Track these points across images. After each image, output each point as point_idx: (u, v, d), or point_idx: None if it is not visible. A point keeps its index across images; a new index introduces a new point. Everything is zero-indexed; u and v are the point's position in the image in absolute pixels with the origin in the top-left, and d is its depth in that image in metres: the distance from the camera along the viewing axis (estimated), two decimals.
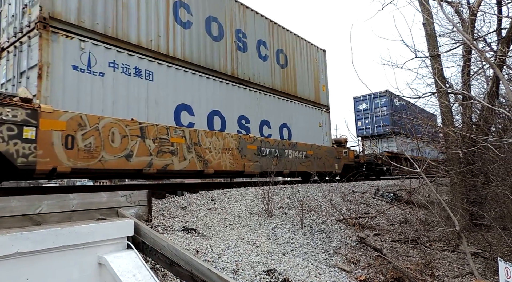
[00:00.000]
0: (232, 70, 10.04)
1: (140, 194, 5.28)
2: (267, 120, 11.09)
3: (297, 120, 12.37)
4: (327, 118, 14.25)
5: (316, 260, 5.70)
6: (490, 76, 8.33)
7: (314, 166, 12.19)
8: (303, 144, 12.11)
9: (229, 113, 9.74)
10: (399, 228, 8.17)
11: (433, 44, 9.16)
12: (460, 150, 7.65)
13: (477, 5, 7.58)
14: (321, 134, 13.69)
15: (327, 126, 14.17)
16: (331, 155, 13.65)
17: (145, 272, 3.77)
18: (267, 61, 11.46)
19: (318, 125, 13.59)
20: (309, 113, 13.15)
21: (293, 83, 12.51)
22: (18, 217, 3.94)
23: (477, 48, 5.88)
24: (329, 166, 13.25)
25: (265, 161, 10.25)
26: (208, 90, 9.17)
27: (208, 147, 8.57)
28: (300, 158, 11.73)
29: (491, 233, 7.39)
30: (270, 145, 10.59)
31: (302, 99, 12.85)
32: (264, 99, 11.11)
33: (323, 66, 14.67)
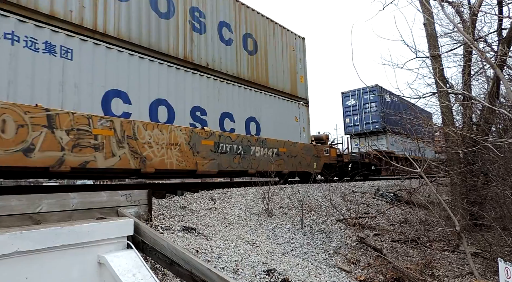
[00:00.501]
0: (185, 54, 8.60)
1: (140, 193, 5.29)
2: (229, 113, 9.67)
3: (268, 114, 10.99)
4: (305, 113, 12.76)
5: (316, 260, 5.70)
6: (491, 77, 8.33)
7: (288, 165, 10.93)
8: (274, 140, 10.66)
9: (180, 104, 8.34)
10: (399, 228, 8.16)
11: (434, 44, 9.15)
12: (460, 150, 7.65)
13: (478, 5, 7.57)
14: (298, 130, 12.25)
15: (305, 122, 12.70)
16: (309, 153, 12.12)
17: (145, 271, 3.77)
18: (232, 46, 10.04)
19: (294, 120, 12.13)
20: (284, 107, 11.73)
21: (264, 72, 11.06)
22: (18, 216, 3.95)
23: (478, 48, 5.88)
24: (306, 165, 11.74)
25: (225, 158, 8.91)
26: (151, 75, 7.78)
27: (148, 141, 7.16)
28: (270, 156, 10.30)
29: (491, 233, 7.39)
30: (231, 140, 9.15)
31: (275, 90, 11.44)
32: (226, 88, 9.67)
33: (302, 55, 13.12)
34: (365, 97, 22.31)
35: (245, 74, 10.39)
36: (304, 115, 12.77)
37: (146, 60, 7.76)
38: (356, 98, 22.74)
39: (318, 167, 12.50)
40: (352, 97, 22.97)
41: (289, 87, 12.18)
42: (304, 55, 13.28)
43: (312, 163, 12.14)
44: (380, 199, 11.00)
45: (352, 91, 22.94)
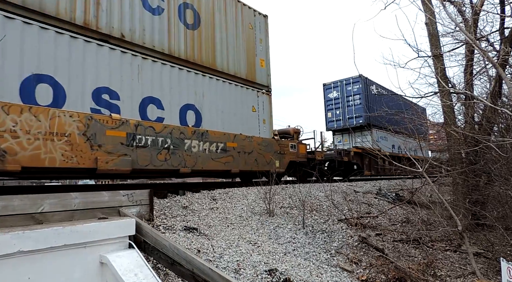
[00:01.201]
0: (87, 19, 6.76)
1: (141, 193, 5.29)
2: (155, 98, 7.74)
3: (215, 102, 9.08)
4: (266, 102, 10.84)
5: (318, 259, 5.69)
6: (493, 76, 8.30)
7: (239, 163, 9.15)
8: (219, 132, 8.80)
9: (75, 83, 6.52)
10: (401, 228, 8.15)
11: (436, 44, 9.13)
12: (462, 149, 7.63)
13: (480, 4, 7.55)
14: (256, 122, 10.30)
15: (266, 112, 10.75)
16: (269, 149, 10.29)
17: (146, 271, 3.77)
18: (162, 16, 8.15)
19: (252, 110, 10.23)
20: (237, 94, 9.79)
21: (209, 51, 9.15)
22: (20, 216, 3.96)
23: (480, 47, 5.86)
24: (264, 163, 9.98)
25: (144, 154, 7.08)
26: (24, 42, 5.90)
27: (10, 129, 5.40)
28: (214, 152, 8.50)
29: (493, 233, 7.37)
30: (155, 131, 7.33)
31: (226, 74, 9.55)
32: (152, 68, 7.72)
33: (263, 36, 11.22)
34: (348, 89, 20.00)
35: (181, 52, 8.42)
36: (265, 105, 10.80)
37: (18, 21, 5.87)
38: (339, 91, 20.38)
39: (281, 165, 10.71)
40: (335, 89, 20.52)
41: (245, 72, 10.22)
42: (266, 36, 11.32)
43: (273, 161, 10.29)
44: (382, 199, 10.99)
45: (335, 82, 20.53)
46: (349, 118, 19.91)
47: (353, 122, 19.68)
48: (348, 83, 20.00)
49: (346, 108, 20.04)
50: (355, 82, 19.69)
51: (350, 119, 19.87)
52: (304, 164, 12.28)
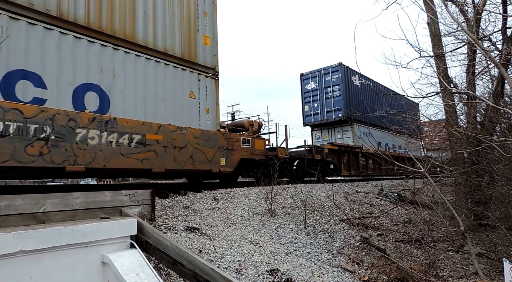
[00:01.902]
0: None
1: (143, 193, 5.30)
2: (32, 73, 5.78)
3: (131, 83, 7.08)
4: (211, 88, 8.82)
5: (320, 260, 5.68)
6: (495, 76, 8.28)
7: (164, 160, 7.27)
8: (134, 121, 6.85)
9: None
10: (403, 228, 8.13)
11: (438, 44, 9.11)
12: (464, 149, 7.60)
13: (482, 4, 7.53)
14: (195, 111, 8.34)
15: (211, 100, 8.77)
16: (212, 144, 8.37)
17: (148, 271, 3.77)
18: None
19: (190, 96, 8.23)
20: (168, 76, 7.81)
21: (125, 19, 7.14)
22: (23, 215, 3.97)
23: (482, 47, 5.85)
24: (204, 161, 8.05)
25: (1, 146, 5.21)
26: None
27: None
28: (125, 145, 6.61)
29: (496, 233, 7.35)
30: (23, 115, 5.40)
31: (152, 50, 7.55)
32: (27, 32, 5.73)
33: (209, 8, 9.21)
34: (327, 80, 17.76)
35: (79, 16, 6.41)
36: (210, 91, 8.79)
37: None
38: (317, 81, 18.12)
39: (229, 164, 8.80)
40: (313, 80, 18.29)
41: (181, 50, 8.19)
42: (213, 9, 9.33)
43: (217, 158, 8.45)
44: (384, 199, 10.97)
45: (313, 72, 18.35)
46: (327, 111, 17.73)
47: (331, 116, 17.57)
48: (327, 73, 17.77)
49: (325, 101, 17.85)
50: (334, 72, 17.49)
51: (328, 113, 17.71)
52: (262, 163, 10.56)
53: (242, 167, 9.86)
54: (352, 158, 15.97)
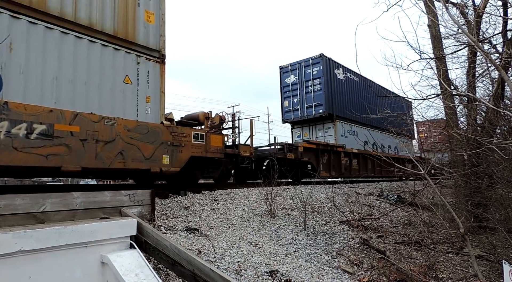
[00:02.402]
0: None
1: (143, 193, 5.30)
2: None
3: (38, 61, 5.75)
4: (155, 73, 7.44)
5: (319, 261, 5.68)
6: (495, 78, 8.28)
7: (81, 157, 5.94)
8: (36, 107, 5.55)
9: None
10: (402, 230, 8.13)
11: (438, 46, 9.11)
12: (464, 151, 7.60)
13: (482, 7, 7.55)
14: (133, 99, 6.96)
15: (153, 87, 7.36)
16: (151, 138, 7.03)
17: (147, 271, 3.77)
18: None
19: (124, 81, 6.90)
20: (94, 55, 6.48)
21: None
22: (22, 215, 3.96)
23: (483, 50, 5.85)
24: (139, 159, 6.73)
25: None
26: None
27: None
28: (22, 137, 5.31)
29: (495, 235, 7.34)
30: None
31: (71, 23, 6.19)
32: None
33: None
34: (307, 72, 16.22)
35: None
36: (153, 77, 7.41)
37: None
38: (297, 74, 16.65)
39: (174, 162, 7.44)
40: (293, 73, 16.80)
41: (114, 25, 6.87)
42: None
43: (158, 156, 7.09)
44: (384, 201, 10.96)
45: (293, 64, 16.87)
46: (307, 107, 16.11)
47: (312, 112, 15.94)
48: (307, 65, 16.22)
49: (305, 96, 16.27)
50: (315, 64, 15.94)
51: (308, 109, 16.08)
52: (221, 162, 9.25)
53: (194, 166, 8.44)
54: (333, 157, 14.60)
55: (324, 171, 13.72)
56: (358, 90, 18.26)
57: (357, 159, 16.40)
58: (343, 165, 15.15)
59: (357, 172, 16.14)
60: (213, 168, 9.09)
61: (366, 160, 16.82)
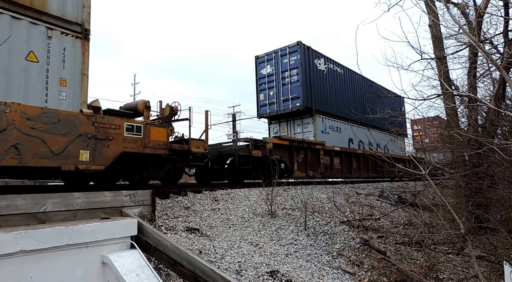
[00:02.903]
0: None
1: (144, 193, 5.30)
2: None
3: None
4: (74, 51, 6.02)
5: (320, 261, 5.68)
6: (497, 79, 8.27)
7: None
8: None
9: None
10: (403, 230, 8.12)
11: (439, 46, 9.10)
12: (465, 152, 7.59)
13: (483, 7, 7.53)
14: (39, 81, 5.53)
15: (72, 68, 5.95)
16: (64, 130, 5.63)
17: (148, 271, 3.78)
18: None
19: (28, 58, 5.44)
20: None
21: None
22: (23, 215, 3.97)
23: (484, 50, 5.84)
24: (46, 154, 5.33)
25: None
26: None
27: None
28: None
29: (496, 236, 7.33)
30: None
31: None
32: None
33: None
34: (284, 62, 14.63)
35: None
36: (72, 56, 6.01)
37: None
38: (274, 64, 15.02)
39: (97, 159, 6.08)
40: (269, 63, 15.19)
41: None
42: None
43: (73, 151, 5.72)
44: (384, 201, 10.95)
45: (269, 53, 15.23)
46: (284, 100, 14.54)
47: (288, 106, 14.36)
48: (284, 54, 14.60)
49: (281, 88, 14.67)
50: (292, 53, 14.37)
51: (285, 102, 14.51)
52: (167, 160, 8.02)
53: (130, 164, 7.23)
54: (311, 155, 13.03)
55: (299, 170, 12.27)
56: (343, 83, 16.77)
57: (340, 157, 14.84)
58: (323, 164, 13.55)
59: (339, 171, 14.50)
60: (156, 166, 7.71)
61: (350, 159, 15.54)
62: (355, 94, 17.58)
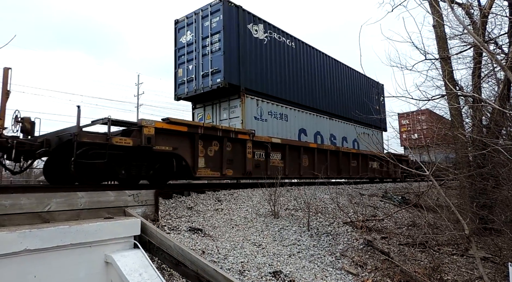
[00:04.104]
0: None
1: (147, 193, 5.32)
2: None
3: None
4: None
5: (323, 262, 5.66)
6: (501, 79, 8.22)
7: None
8: None
9: None
10: (407, 231, 8.09)
11: (443, 46, 9.06)
12: (470, 153, 7.55)
13: (488, 7, 7.49)
14: None
15: None
16: None
17: (151, 271, 3.78)
18: None
19: None
20: None
21: None
22: (27, 215, 3.99)
23: (488, 50, 5.81)
24: None
25: None
26: None
27: None
28: None
29: (501, 237, 7.28)
30: None
31: None
32: None
33: None
34: (205, 26, 10.86)
35: None
36: None
37: None
38: (194, 30, 11.17)
39: None
40: (189, 29, 11.36)
41: None
42: None
43: None
44: (388, 202, 10.91)
45: (189, 16, 11.39)
46: (203, 76, 10.61)
47: (208, 83, 10.44)
48: (205, 16, 10.86)
49: (201, 59, 10.77)
50: (214, 13, 10.62)
51: (204, 79, 10.59)
52: None
53: None
54: (232, 149, 9.45)
55: (208, 169, 8.79)
56: (295, 60, 12.80)
57: (281, 152, 10.95)
58: (252, 160, 9.88)
59: (280, 170, 10.00)
60: None
61: (298, 155, 11.55)
62: (314, 75, 13.79)
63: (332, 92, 14.69)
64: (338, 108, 14.89)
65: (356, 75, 16.51)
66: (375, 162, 15.40)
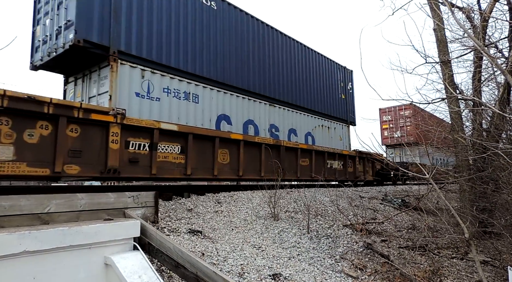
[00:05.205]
0: None
1: (147, 195, 5.31)
2: None
3: None
4: None
5: (322, 265, 5.65)
6: (501, 83, 8.24)
7: None
8: None
9: None
10: (406, 234, 8.08)
11: (444, 50, 9.08)
12: (470, 156, 7.56)
13: (488, 11, 7.52)
14: None
15: None
16: None
17: (150, 273, 3.78)
18: None
19: None
20: None
21: None
22: (27, 216, 3.99)
23: (488, 54, 5.82)
24: None
25: None
26: None
27: None
28: None
29: (501, 241, 7.28)
30: None
31: None
32: None
33: None
34: None
35: None
36: None
37: None
38: None
39: None
40: None
41: None
42: None
43: None
44: (388, 205, 10.91)
45: None
46: (57, 33, 7.29)
47: (60, 42, 7.11)
48: None
49: (56, 11, 7.43)
50: None
51: (58, 36, 7.27)
52: None
53: None
54: (81, 135, 6.16)
55: (21, 163, 5.39)
56: (214, 23, 9.51)
57: (181, 145, 7.77)
58: (121, 153, 6.68)
59: (181, 168, 7.72)
60: None
61: (211, 149, 8.44)
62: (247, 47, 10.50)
63: (274, 72, 11.30)
64: (284, 93, 11.54)
65: (314, 56, 13.44)
66: (336, 161, 12.84)
